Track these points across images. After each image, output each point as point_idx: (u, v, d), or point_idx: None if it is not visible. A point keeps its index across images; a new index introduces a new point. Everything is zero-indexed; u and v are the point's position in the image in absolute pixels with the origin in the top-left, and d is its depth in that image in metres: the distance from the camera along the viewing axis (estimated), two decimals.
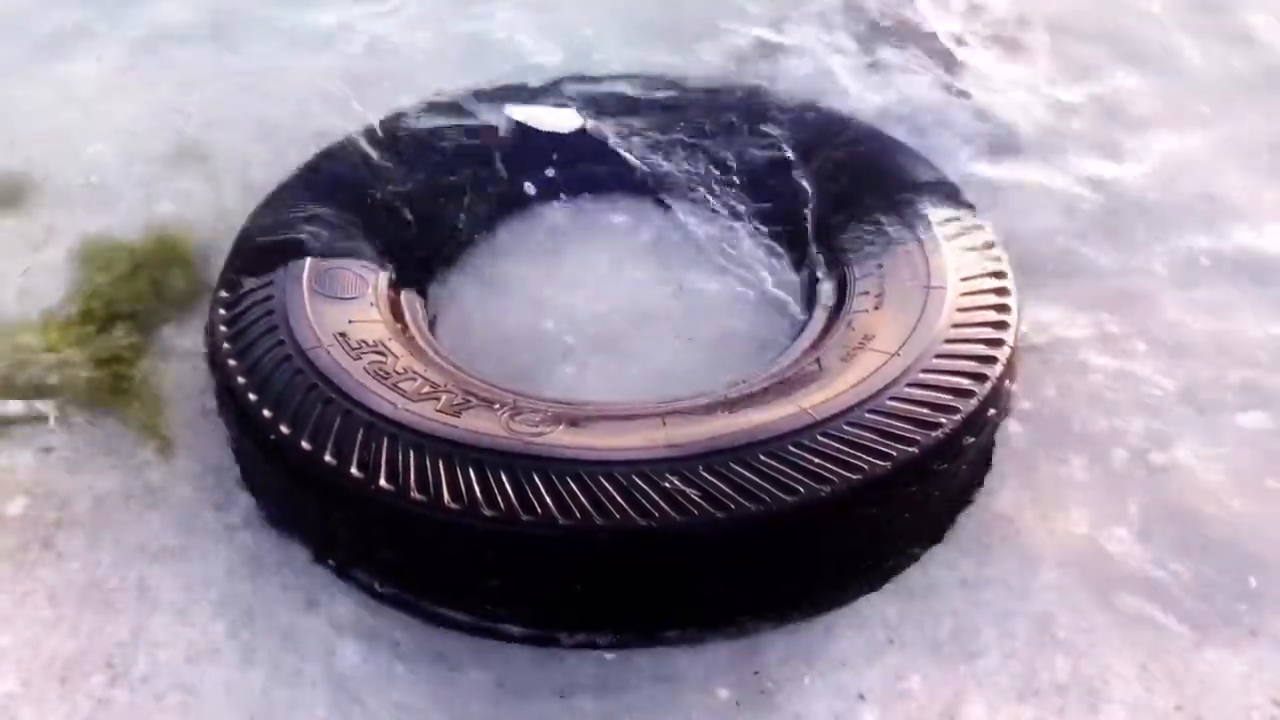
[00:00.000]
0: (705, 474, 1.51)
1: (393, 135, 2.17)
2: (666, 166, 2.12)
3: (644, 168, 2.13)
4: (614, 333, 1.97)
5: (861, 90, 2.35)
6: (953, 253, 1.89)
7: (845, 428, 1.57)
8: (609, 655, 1.57)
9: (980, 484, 1.77)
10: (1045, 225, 2.16)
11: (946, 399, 1.63)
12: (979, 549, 1.71)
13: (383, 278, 1.91)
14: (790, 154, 2.13)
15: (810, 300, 1.96)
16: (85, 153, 2.35)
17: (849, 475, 1.52)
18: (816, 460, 1.53)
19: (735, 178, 2.12)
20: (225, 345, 1.74)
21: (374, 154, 2.11)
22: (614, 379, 1.90)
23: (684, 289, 2.03)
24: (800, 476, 1.51)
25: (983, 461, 1.78)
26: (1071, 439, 1.84)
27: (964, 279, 1.84)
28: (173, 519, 1.73)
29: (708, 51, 2.49)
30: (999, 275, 1.87)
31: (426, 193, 2.10)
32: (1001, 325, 1.77)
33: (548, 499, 1.48)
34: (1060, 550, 1.69)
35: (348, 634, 1.59)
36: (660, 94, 2.24)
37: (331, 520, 1.61)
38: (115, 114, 2.46)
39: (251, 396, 1.65)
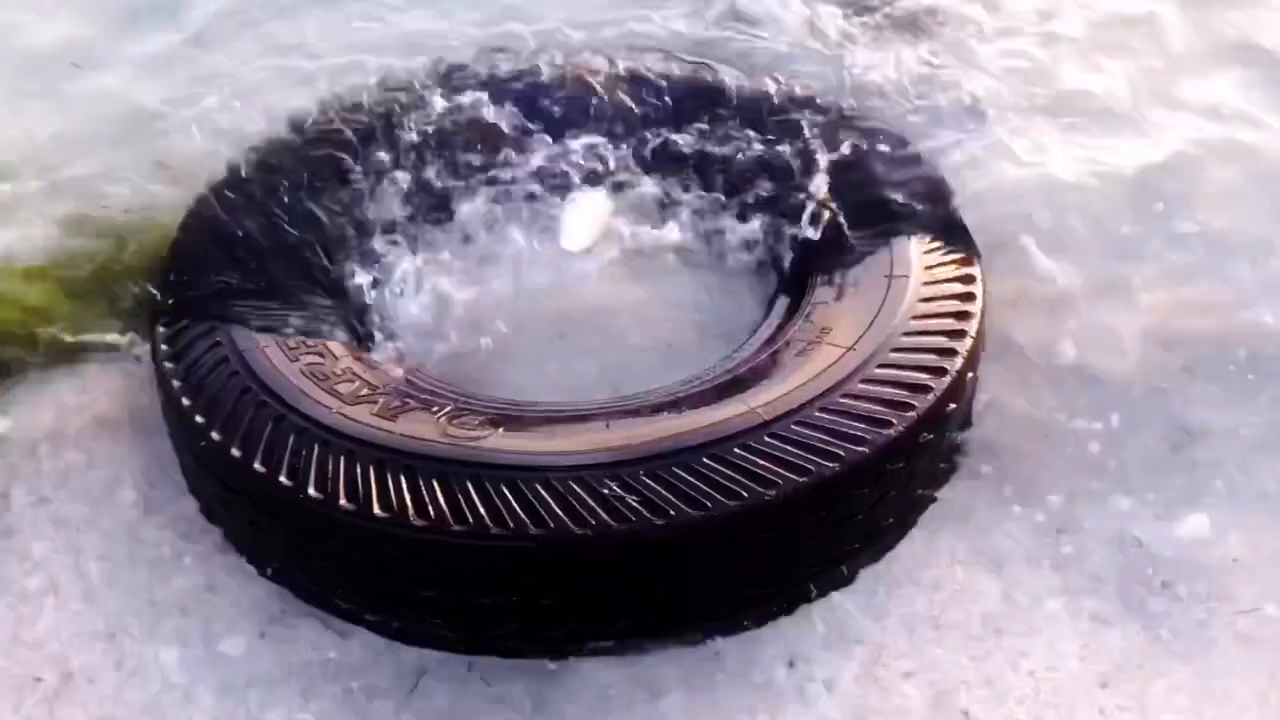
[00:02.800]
0: (646, 479, 1.45)
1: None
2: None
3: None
4: (570, 325, 1.90)
5: (837, 63, 2.27)
6: (918, 238, 1.82)
7: (794, 428, 1.51)
8: (551, 665, 1.52)
9: (946, 479, 1.70)
10: (1020, 207, 2.07)
11: (902, 395, 1.56)
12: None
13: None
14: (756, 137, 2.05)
15: (773, 291, 1.89)
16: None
17: (795, 478, 1.46)
18: (762, 463, 1.47)
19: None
20: (162, 345, 1.69)
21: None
22: (568, 375, 1.83)
23: (644, 279, 1.96)
24: (744, 480, 1.45)
25: (948, 456, 1.71)
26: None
27: (928, 267, 1.77)
28: None
29: (680, 22, 2.40)
30: (966, 262, 1.80)
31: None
32: (964, 315, 1.70)
33: (480, 507, 1.43)
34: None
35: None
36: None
37: (264, 528, 1.57)
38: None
39: (186, 401, 1.60)
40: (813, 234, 1.86)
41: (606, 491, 1.43)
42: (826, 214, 1.87)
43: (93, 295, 1.96)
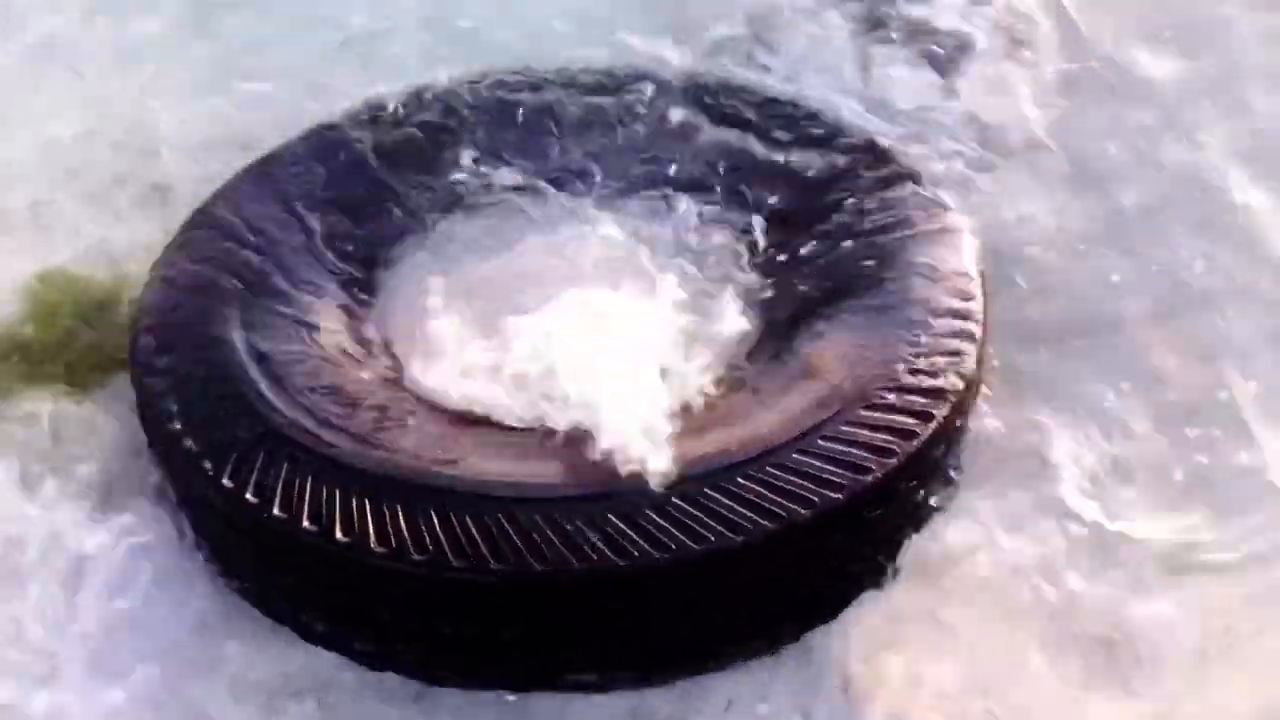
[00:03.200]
0: (611, 516, 1.42)
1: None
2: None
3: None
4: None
5: (847, 85, 2.22)
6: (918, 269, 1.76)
7: (768, 469, 1.47)
8: (510, 696, 1.50)
9: (922, 526, 1.65)
10: (1030, 239, 2.01)
11: (884, 440, 1.52)
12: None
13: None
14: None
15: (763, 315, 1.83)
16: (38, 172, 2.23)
17: (764, 524, 1.42)
18: (733, 505, 1.43)
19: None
20: (143, 346, 1.68)
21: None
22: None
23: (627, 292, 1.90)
24: (712, 523, 1.41)
25: (928, 504, 1.66)
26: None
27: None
28: None
29: (691, 41, 2.35)
30: (966, 297, 1.74)
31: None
32: (959, 355, 1.64)
33: (441, 537, 1.40)
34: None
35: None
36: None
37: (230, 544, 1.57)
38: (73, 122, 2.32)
39: (168, 408, 1.60)
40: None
41: (570, 528, 1.40)
42: None
43: None
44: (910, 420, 1.54)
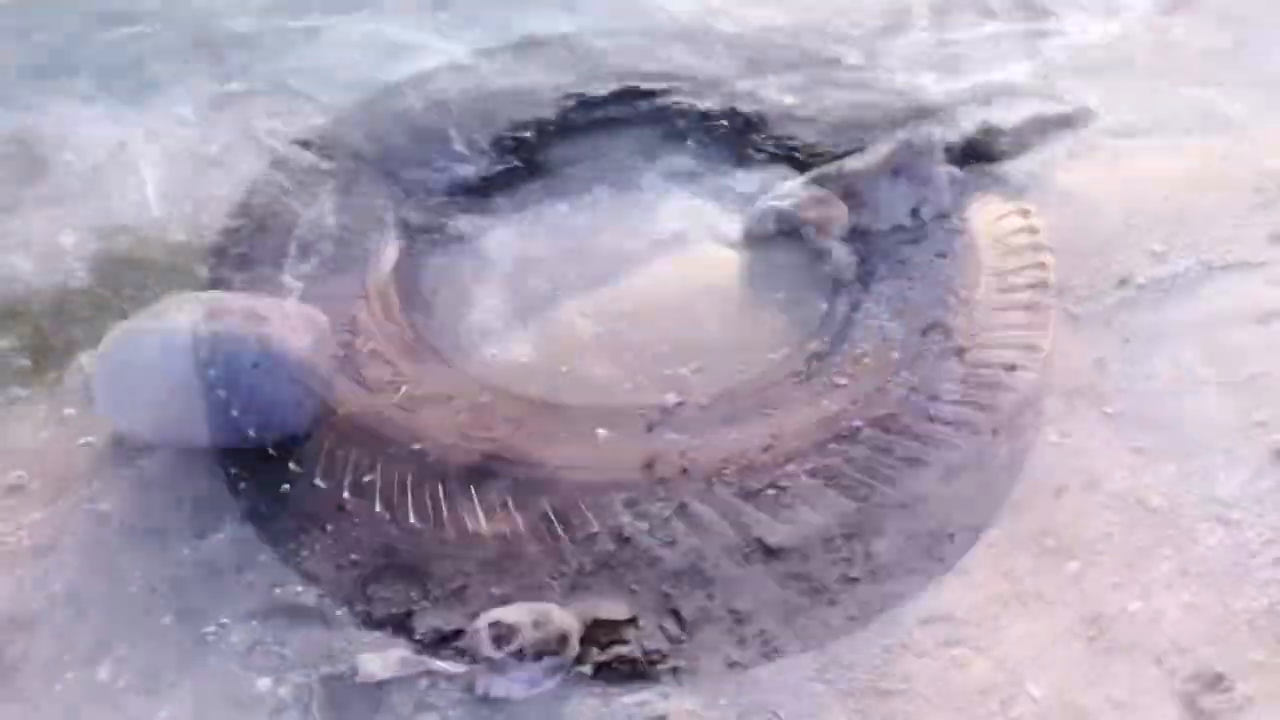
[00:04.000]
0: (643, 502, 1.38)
1: None
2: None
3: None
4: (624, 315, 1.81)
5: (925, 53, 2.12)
6: (994, 257, 1.69)
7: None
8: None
9: None
10: (1112, 233, 1.90)
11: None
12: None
13: (388, 248, 1.82)
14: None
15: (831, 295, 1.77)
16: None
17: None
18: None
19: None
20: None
21: None
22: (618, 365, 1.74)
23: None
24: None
25: None
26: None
27: (1002, 290, 1.65)
28: None
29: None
30: (1040, 286, 1.66)
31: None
32: (1031, 347, 1.57)
33: (480, 512, 1.37)
34: None
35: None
36: None
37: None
38: None
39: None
40: None
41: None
42: None
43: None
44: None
